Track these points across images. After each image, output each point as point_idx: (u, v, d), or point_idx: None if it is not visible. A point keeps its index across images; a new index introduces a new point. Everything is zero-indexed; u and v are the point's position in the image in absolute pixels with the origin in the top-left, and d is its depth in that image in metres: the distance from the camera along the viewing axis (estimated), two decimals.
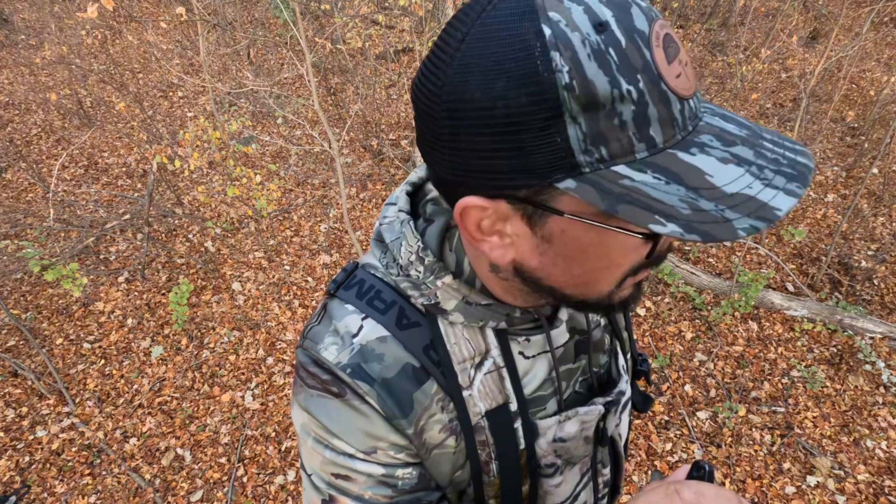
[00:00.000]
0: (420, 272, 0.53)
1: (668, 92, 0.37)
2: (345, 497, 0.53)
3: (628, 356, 0.72)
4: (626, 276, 0.46)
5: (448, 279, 0.52)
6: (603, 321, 0.66)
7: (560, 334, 0.59)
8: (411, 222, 0.54)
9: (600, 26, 0.35)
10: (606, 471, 0.70)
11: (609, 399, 0.62)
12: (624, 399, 0.65)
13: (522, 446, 0.57)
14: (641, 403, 0.76)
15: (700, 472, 0.50)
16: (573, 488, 0.66)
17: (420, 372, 0.53)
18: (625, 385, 0.65)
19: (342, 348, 0.52)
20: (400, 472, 0.53)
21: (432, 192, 0.57)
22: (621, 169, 0.38)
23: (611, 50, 0.35)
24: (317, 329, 0.55)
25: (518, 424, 0.57)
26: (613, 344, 0.68)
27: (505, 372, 0.56)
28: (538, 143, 0.37)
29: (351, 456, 0.52)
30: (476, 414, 0.55)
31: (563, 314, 0.59)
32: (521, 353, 0.57)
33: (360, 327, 0.53)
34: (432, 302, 0.53)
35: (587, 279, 0.46)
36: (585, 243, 0.43)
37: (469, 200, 0.42)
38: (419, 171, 0.59)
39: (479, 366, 0.55)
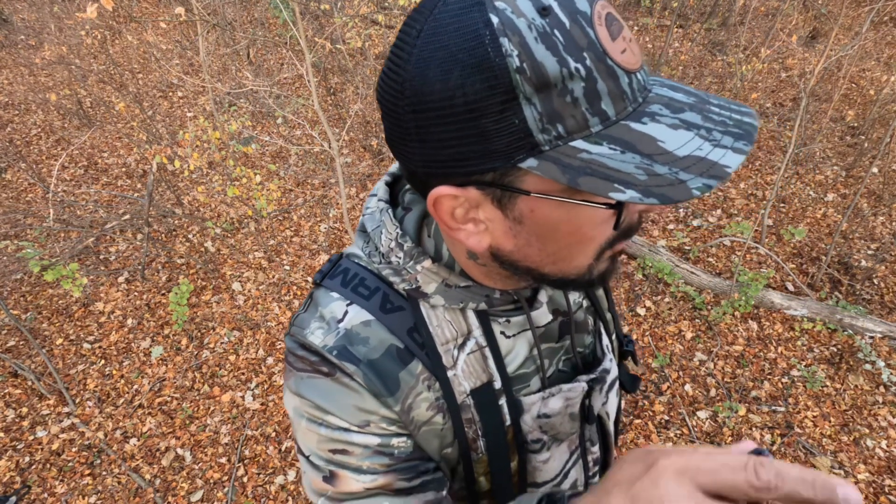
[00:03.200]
0: (400, 258, 0.54)
1: (615, 67, 0.39)
2: (344, 470, 0.54)
3: (613, 337, 0.73)
4: (601, 249, 0.48)
5: (427, 263, 0.54)
6: (585, 303, 0.68)
7: (542, 315, 0.61)
8: (390, 210, 0.56)
9: (544, 10, 0.37)
10: (595, 449, 0.71)
11: (593, 377, 0.64)
12: (609, 378, 0.67)
13: (508, 423, 0.59)
14: (629, 383, 0.78)
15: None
16: (562, 465, 0.67)
17: (405, 353, 0.55)
18: (609, 364, 0.67)
19: (328, 332, 0.54)
20: (395, 440, 0.54)
21: None
22: (579, 143, 0.40)
23: (556, 31, 0.37)
24: (303, 316, 0.57)
25: (503, 401, 0.58)
26: (597, 325, 0.70)
27: (487, 351, 0.57)
28: (498, 127, 0.39)
29: (346, 429, 0.53)
30: (461, 393, 0.56)
31: (543, 296, 0.60)
32: (502, 332, 0.59)
33: (345, 313, 0.55)
34: (413, 286, 0.54)
35: (563, 256, 0.47)
36: (556, 220, 0.44)
37: (440, 190, 0.44)
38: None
39: (461, 346, 0.56)
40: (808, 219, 3.97)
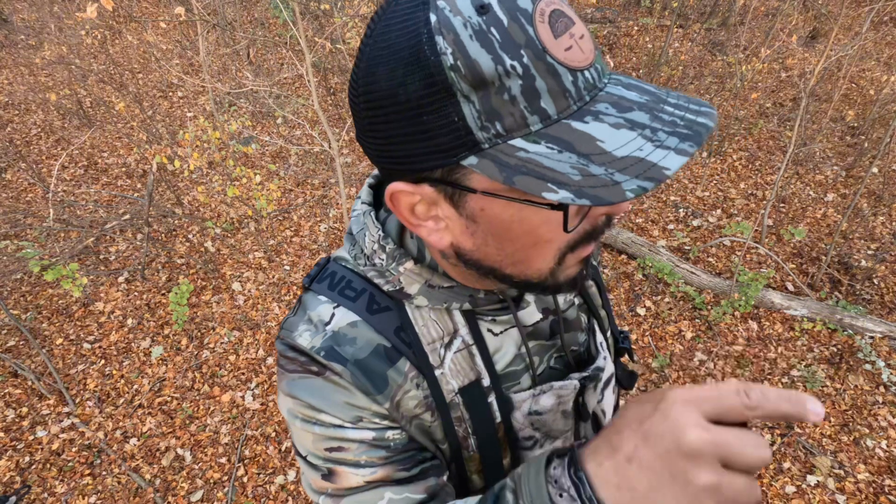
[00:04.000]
0: (383, 259, 0.55)
1: (556, 64, 0.38)
2: (342, 466, 0.54)
3: (608, 334, 0.73)
4: (562, 253, 0.47)
5: (409, 265, 0.54)
6: (577, 300, 0.68)
7: (530, 314, 0.61)
8: (372, 213, 0.56)
9: (482, 8, 0.37)
10: None
11: (585, 374, 0.63)
12: (604, 375, 0.67)
13: (499, 420, 0.59)
14: (626, 380, 0.77)
15: None
16: None
17: (392, 351, 0.55)
18: (603, 361, 0.67)
19: (315, 334, 0.54)
20: (389, 433, 0.54)
21: None
22: (517, 142, 0.39)
23: (493, 29, 0.37)
24: (292, 320, 0.57)
25: (492, 399, 0.58)
26: (591, 322, 0.69)
27: (475, 349, 0.57)
28: (439, 124, 0.39)
29: (340, 426, 0.53)
30: (450, 391, 0.56)
31: (530, 294, 0.60)
32: (489, 330, 0.59)
33: (332, 315, 0.55)
34: (397, 288, 0.55)
35: (521, 257, 0.47)
36: (507, 220, 0.44)
37: (395, 186, 0.45)
38: None
39: (448, 345, 0.57)
40: (808, 219, 3.97)
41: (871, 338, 3.02)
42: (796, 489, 2.40)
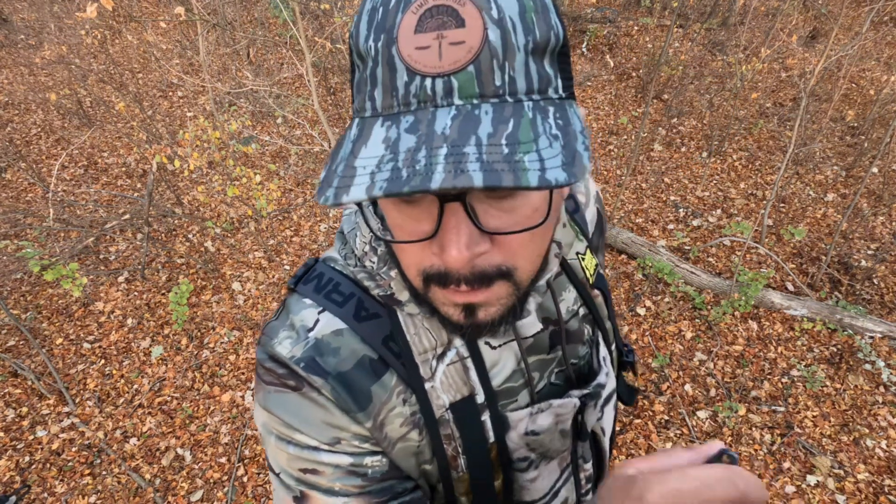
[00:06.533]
0: (374, 262, 0.52)
1: (396, 58, 0.36)
2: (315, 491, 0.51)
3: (612, 347, 0.69)
4: (424, 275, 0.44)
5: None
6: (582, 310, 0.64)
7: (530, 324, 0.57)
8: (370, 208, 0.53)
9: None
10: (588, 466, 0.67)
11: (586, 392, 0.60)
12: (605, 392, 0.63)
13: (492, 439, 0.55)
14: (627, 395, 0.75)
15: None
16: (552, 484, 0.63)
17: (378, 364, 0.52)
18: (605, 378, 0.63)
19: (296, 342, 0.51)
20: (368, 459, 0.51)
21: None
22: (356, 122, 0.40)
23: (382, 7, 0.37)
24: (273, 324, 0.54)
25: (486, 417, 0.54)
26: (595, 335, 0.65)
27: (470, 363, 0.53)
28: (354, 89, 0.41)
29: (315, 448, 0.50)
30: (440, 406, 0.53)
31: (532, 303, 0.56)
32: (487, 343, 0.55)
33: (317, 321, 0.52)
34: (388, 293, 0.52)
35: (400, 255, 0.46)
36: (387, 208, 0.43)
37: None
38: None
39: (441, 356, 0.53)
40: (808, 219, 3.97)
41: (871, 338, 3.02)
42: (796, 489, 2.41)
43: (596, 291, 0.67)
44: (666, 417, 2.72)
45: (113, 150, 4.81)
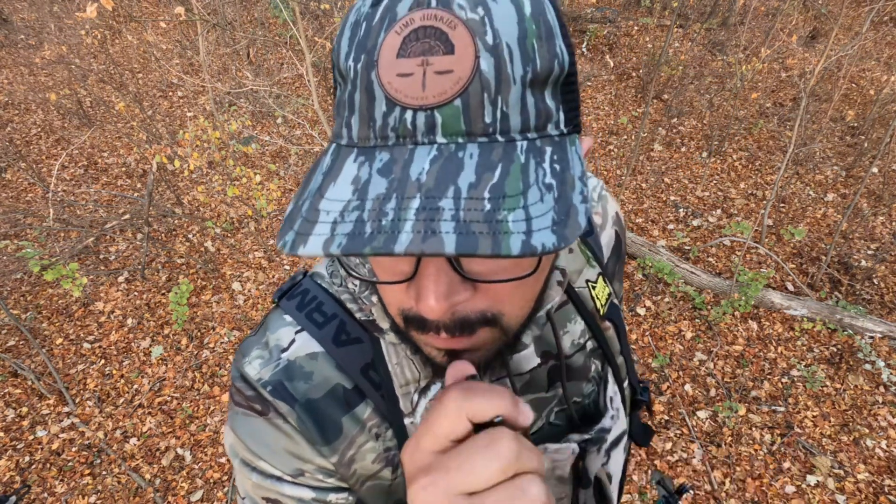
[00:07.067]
0: (357, 285, 0.49)
1: (375, 84, 0.32)
2: None
3: (625, 384, 0.63)
4: (404, 314, 0.39)
5: None
6: (590, 344, 0.58)
7: (527, 359, 0.52)
8: None
9: (378, 1, 0.33)
10: None
11: (586, 437, 0.54)
12: (612, 436, 0.57)
13: None
14: (641, 436, 0.70)
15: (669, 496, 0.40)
16: None
17: (352, 394, 0.48)
18: (609, 421, 0.57)
19: (266, 363, 0.48)
20: (332, 496, 0.48)
21: None
22: (331, 149, 0.35)
23: (365, 23, 0.33)
24: (250, 340, 0.51)
25: None
26: (605, 371, 0.60)
27: None
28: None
29: (278, 479, 0.48)
30: None
31: (528, 337, 0.51)
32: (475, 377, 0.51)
33: (292, 341, 0.49)
34: (370, 318, 0.48)
35: (380, 291, 0.43)
36: None
37: None
38: None
39: (423, 391, 0.49)
40: (808, 219, 3.97)
41: (871, 338, 3.02)
42: (796, 489, 2.41)
43: (607, 323, 0.61)
44: (666, 417, 2.72)
45: (113, 150, 4.81)
